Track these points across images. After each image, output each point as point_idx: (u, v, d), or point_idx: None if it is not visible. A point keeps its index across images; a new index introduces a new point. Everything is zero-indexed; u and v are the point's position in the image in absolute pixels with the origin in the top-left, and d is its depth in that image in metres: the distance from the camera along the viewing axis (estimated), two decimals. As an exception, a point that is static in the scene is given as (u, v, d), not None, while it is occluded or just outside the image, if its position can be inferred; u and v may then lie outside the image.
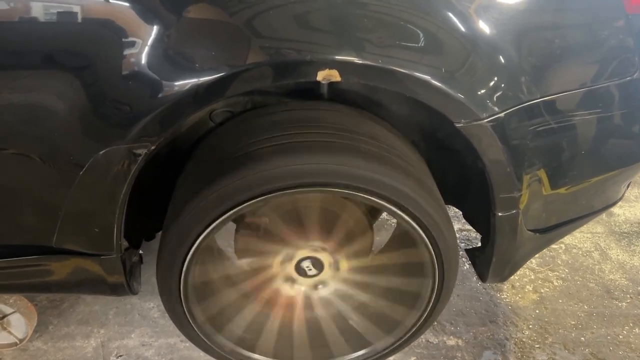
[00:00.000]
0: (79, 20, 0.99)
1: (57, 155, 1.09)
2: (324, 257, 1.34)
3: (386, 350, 1.43)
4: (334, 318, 1.43)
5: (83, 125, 1.06)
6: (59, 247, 1.21)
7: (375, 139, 1.25)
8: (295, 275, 1.36)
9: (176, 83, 1.02)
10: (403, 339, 1.41)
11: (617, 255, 2.16)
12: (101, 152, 1.08)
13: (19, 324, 1.59)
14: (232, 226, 1.37)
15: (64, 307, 1.82)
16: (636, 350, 1.67)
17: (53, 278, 1.27)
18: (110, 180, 1.11)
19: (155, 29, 1.00)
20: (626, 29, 1.21)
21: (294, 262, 1.34)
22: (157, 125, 1.06)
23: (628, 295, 1.92)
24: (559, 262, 2.11)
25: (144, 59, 1.01)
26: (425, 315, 1.37)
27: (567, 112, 1.20)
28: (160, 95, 1.02)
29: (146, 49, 1.00)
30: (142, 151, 1.08)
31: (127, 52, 1.01)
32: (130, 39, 1.00)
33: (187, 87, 1.02)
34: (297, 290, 1.40)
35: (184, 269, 1.20)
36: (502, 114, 1.12)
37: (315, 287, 1.40)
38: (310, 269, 1.34)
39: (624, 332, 1.75)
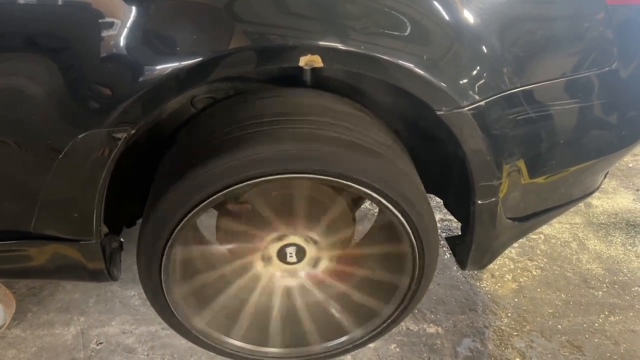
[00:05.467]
0: (58, 1, 0.98)
1: (34, 139, 1.08)
2: (306, 245, 1.35)
3: (366, 338, 1.44)
4: (313, 306, 1.44)
5: (61, 109, 1.04)
6: (37, 232, 1.19)
7: (359, 127, 1.25)
8: (276, 261, 1.36)
9: (157, 67, 1.01)
10: (383, 327, 1.42)
11: (595, 245, 2.20)
12: (80, 136, 1.06)
13: (-3, 311, 1.57)
14: (214, 213, 1.37)
15: (44, 294, 1.80)
16: (611, 337, 1.71)
17: (32, 264, 1.26)
18: (89, 164, 1.10)
19: (135, 10, 0.99)
20: (606, 20, 1.23)
21: (276, 248, 1.34)
22: (137, 109, 1.05)
23: (604, 285, 1.96)
24: (538, 252, 2.14)
25: (123, 42, 0.99)
26: (405, 303, 1.38)
27: (546, 102, 1.21)
28: (140, 78, 1.01)
29: (126, 31, 0.99)
30: (122, 135, 1.07)
31: (106, 34, 0.99)
32: (110, 20, 0.99)
33: (168, 71, 1.01)
34: (277, 277, 1.40)
35: (165, 254, 1.20)
36: (482, 102, 1.13)
37: (295, 274, 1.40)
38: (291, 256, 1.35)
39: (600, 320, 1.79)
